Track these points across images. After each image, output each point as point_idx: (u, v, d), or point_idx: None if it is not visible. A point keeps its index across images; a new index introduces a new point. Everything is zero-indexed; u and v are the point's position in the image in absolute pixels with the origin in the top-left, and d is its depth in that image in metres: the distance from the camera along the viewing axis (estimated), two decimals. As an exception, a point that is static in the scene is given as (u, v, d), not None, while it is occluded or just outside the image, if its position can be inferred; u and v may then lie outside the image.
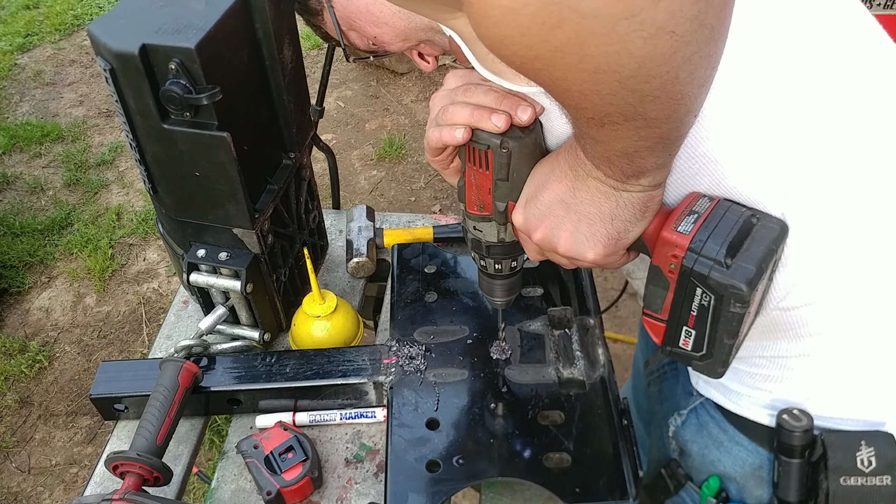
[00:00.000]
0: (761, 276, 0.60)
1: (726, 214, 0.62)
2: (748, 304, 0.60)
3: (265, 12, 0.89)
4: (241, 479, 0.96)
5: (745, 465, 0.84)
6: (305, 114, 1.08)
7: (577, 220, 0.63)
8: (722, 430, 0.85)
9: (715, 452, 0.87)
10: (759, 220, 0.63)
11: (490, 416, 0.93)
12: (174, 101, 0.81)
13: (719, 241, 0.60)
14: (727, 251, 0.60)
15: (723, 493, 0.88)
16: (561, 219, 0.64)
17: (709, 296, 0.61)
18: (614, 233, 0.63)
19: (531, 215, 0.66)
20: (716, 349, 0.65)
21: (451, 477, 0.87)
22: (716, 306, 0.62)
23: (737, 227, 0.61)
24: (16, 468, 2.17)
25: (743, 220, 0.62)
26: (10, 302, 2.64)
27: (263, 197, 0.99)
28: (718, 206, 0.63)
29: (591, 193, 0.61)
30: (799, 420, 0.75)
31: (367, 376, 0.98)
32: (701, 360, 0.67)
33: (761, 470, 0.83)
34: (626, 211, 0.61)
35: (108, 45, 0.81)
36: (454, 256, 1.16)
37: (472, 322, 1.05)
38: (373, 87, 3.57)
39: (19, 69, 3.84)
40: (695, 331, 0.65)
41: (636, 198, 0.60)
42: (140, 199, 3.03)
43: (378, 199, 2.99)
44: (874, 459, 0.73)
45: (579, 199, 0.62)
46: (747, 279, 0.59)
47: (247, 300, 1.03)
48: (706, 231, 0.61)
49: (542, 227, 0.66)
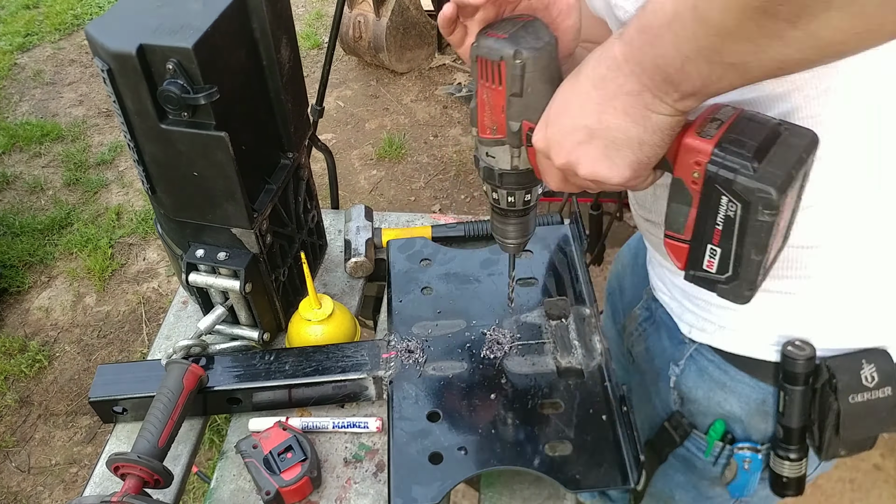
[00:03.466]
0: (791, 182, 0.56)
1: (752, 121, 0.58)
2: (778, 211, 0.56)
3: (262, 12, 0.89)
4: (240, 479, 0.96)
5: (749, 401, 0.86)
6: (303, 113, 1.08)
7: (602, 146, 0.61)
8: (723, 372, 0.87)
9: (720, 394, 0.88)
10: (787, 129, 0.59)
11: (490, 407, 0.94)
12: (172, 101, 0.81)
13: (745, 145, 0.56)
14: (754, 155, 0.56)
15: (728, 435, 0.90)
16: (585, 144, 0.62)
17: (735, 204, 0.57)
18: (643, 157, 0.60)
19: (552, 138, 0.64)
20: (742, 268, 0.61)
21: (454, 468, 0.87)
22: (743, 216, 0.57)
23: (763, 133, 0.57)
24: (16, 468, 2.17)
25: (770, 127, 0.58)
26: (10, 302, 2.64)
27: (262, 197, 0.99)
28: (743, 113, 0.60)
29: (618, 117, 0.59)
30: (802, 350, 0.79)
31: (367, 371, 0.98)
32: (727, 283, 0.63)
33: (765, 404, 0.85)
34: (655, 136, 0.59)
35: (105, 46, 0.81)
36: (450, 250, 1.17)
37: (469, 315, 1.05)
38: (373, 87, 3.57)
39: (19, 69, 3.84)
40: (720, 248, 0.61)
41: (665, 122, 0.58)
42: (140, 198, 3.03)
43: (378, 198, 2.99)
44: (876, 374, 0.78)
45: (606, 122, 0.60)
46: (777, 183, 0.55)
47: (246, 300, 1.03)
48: (731, 135, 0.57)
49: (564, 151, 0.63)
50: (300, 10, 4.12)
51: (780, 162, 0.56)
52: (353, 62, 3.69)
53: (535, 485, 0.93)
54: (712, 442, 0.91)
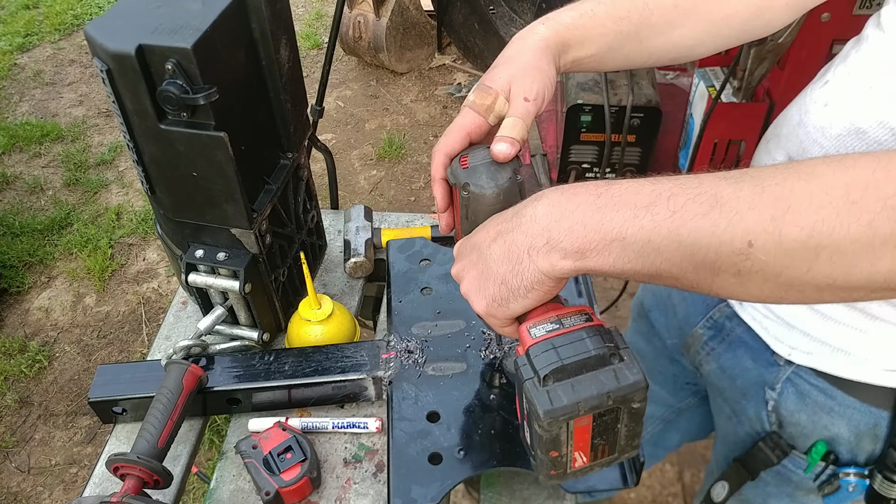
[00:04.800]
0: (572, 413, 0.57)
1: (585, 340, 0.60)
2: (548, 431, 0.58)
3: (261, 12, 0.89)
4: (239, 480, 0.96)
5: (859, 425, 0.85)
6: (303, 114, 1.08)
7: (480, 270, 0.66)
8: (829, 397, 0.85)
9: (825, 418, 0.87)
10: (619, 361, 0.59)
11: (490, 408, 0.94)
12: (171, 101, 0.81)
13: (553, 358, 0.59)
14: (553, 372, 0.58)
15: (831, 456, 0.89)
16: (472, 263, 0.68)
17: (526, 403, 0.61)
18: (499, 295, 0.64)
19: (459, 251, 0.72)
20: (537, 457, 0.63)
21: (454, 468, 0.87)
22: (530, 417, 0.60)
23: (584, 356, 0.59)
24: (15, 468, 2.17)
25: (597, 354, 0.59)
26: (9, 302, 2.64)
27: (261, 197, 0.99)
28: (587, 329, 0.61)
29: (501, 250, 0.63)
30: None
31: (366, 371, 0.98)
32: (533, 459, 0.65)
33: (877, 428, 0.84)
34: (517, 280, 0.62)
35: (104, 46, 0.81)
36: (450, 250, 1.17)
37: (468, 315, 1.05)
38: (372, 87, 3.57)
39: (19, 69, 3.84)
40: (527, 428, 0.64)
41: (530, 273, 0.61)
42: (139, 198, 3.03)
43: (378, 198, 2.99)
44: None
45: (491, 251, 0.64)
46: (549, 408, 0.57)
47: (245, 300, 1.03)
48: (550, 344, 0.60)
49: (458, 264, 0.71)
50: (300, 10, 4.12)
51: (572, 391, 0.57)
52: (353, 62, 3.69)
53: (535, 485, 0.93)
54: (814, 463, 0.89)
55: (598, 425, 0.60)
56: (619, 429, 0.61)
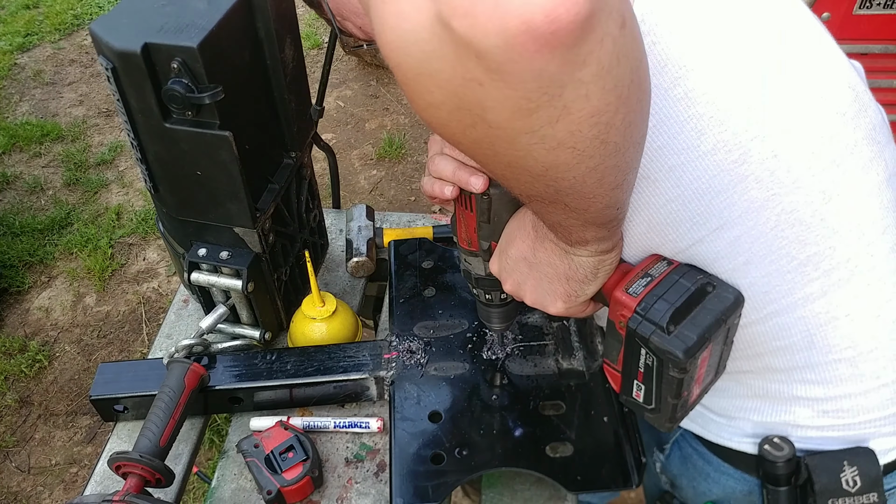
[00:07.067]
0: (702, 345, 0.61)
1: (680, 280, 0.64)
2: (685, 370, 0.61)
3: (267, 11, 0.89)
4: (241, 479, 0.96)
5: (735, 492, 0.84)
6: (306, 113, 1.08)
7: (538, 278, 0.68)
8: (706, 462, 0.86)
9: (704, 484, 0.87)
10: (714, 288, 0.64)
11: (492, 408, 0.94)
12: (176, 100, 0.81)
13: (665, 306, 0.62)
14: (671, 317, 0.61)
15: None
16: (525, 275, 0.70)
17: (652, 357, 0.63)
18: (571, 291, 0.67)
19: (503, 266, 0.72)
20: (662, 406, 0.67)
21: (455, 468, 0.87)
22: (658, 368, 0.64)
23: (687, 293, 0.63)
24: (16, 468, 2.17)
25: (696, 288, 0.63)
26: (9, 302, 2.64)
27: (265, 196, 0.99)
28: (675, 270, 0.65)
29: (548, 254, 0.66)
30: (781, 449, 0.75)
31: (369, 371, 0.98)
32: (651, 413, 0.69)
33: (752, 495, 0.83)
34: (579, 272, 0.65)
35: (110, 44, 0.81)
36: (451, 251, 1.17)
37: (471, 316, 1.05)
38: (373, 87, 3.57)
39: (19, 69, 3.83)
40: (644, 385, 0.67)
41: (587, 262, 0.64)
42: (140, 198, 3.03)
43: (378, 198, 2.99)
44: (859, 479, 0.72)
45: (539, 258, 0.67)
46: (685, 347, 0.60)
47: (248, 299, 1.03)
48: (654, 296, 0.63)
49: (510, 280, 0.72)
50: (301, 10, 4.09)
51: (695, 326, 0.61)
52: (353, 62, 3.69)
53: (536, 486, 0.93)
54: None
55: (714, 351, 0.64)
56: (723, 350, 0.66)
